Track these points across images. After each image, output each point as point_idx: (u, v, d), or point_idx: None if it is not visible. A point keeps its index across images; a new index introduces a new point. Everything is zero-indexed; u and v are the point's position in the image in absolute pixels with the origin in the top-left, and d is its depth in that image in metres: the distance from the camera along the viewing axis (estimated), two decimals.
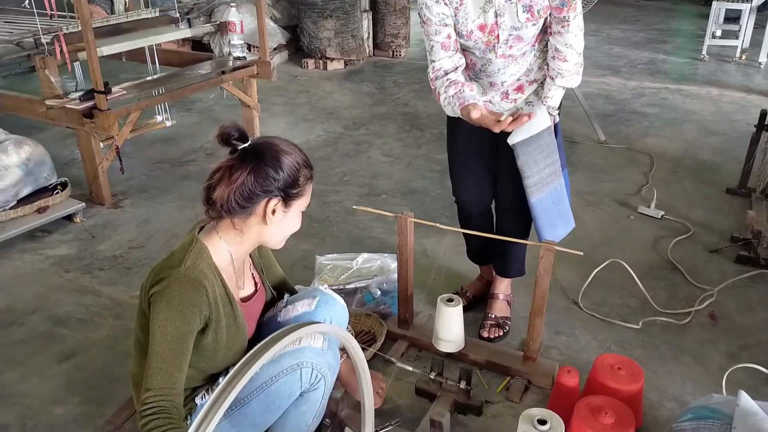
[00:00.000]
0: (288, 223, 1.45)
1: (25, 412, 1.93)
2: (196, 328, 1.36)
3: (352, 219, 3.07)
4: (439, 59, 1.90)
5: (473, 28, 1.85)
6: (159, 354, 1.30)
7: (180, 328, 1.32)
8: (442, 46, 1.88)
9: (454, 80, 1.89)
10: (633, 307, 2.39)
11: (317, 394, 1.47)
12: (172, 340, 1.31)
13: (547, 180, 2.00)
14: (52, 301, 2.47)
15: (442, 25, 1.85)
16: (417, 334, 2.18)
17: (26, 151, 2.88)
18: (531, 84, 2.00)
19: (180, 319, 1.32)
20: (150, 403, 1.28)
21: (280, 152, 1.38)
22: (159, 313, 1.32)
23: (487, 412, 1.90)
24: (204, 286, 1.35)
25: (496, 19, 1.83)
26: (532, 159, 1.95)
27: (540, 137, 1.95)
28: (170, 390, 1.30)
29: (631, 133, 4.17)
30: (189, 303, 1.33)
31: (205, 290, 1.36)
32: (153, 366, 1.30)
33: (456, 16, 1.85)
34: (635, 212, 3.09)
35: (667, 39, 7.04)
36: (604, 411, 1.62)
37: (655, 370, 2.05)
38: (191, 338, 1.35)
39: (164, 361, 1.30)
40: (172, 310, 1.32)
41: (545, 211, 2.01)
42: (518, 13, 1.81)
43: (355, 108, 4.74)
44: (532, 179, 1.96)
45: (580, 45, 1.88)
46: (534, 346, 1.99)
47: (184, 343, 1.33)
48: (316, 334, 1.47)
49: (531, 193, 1.97)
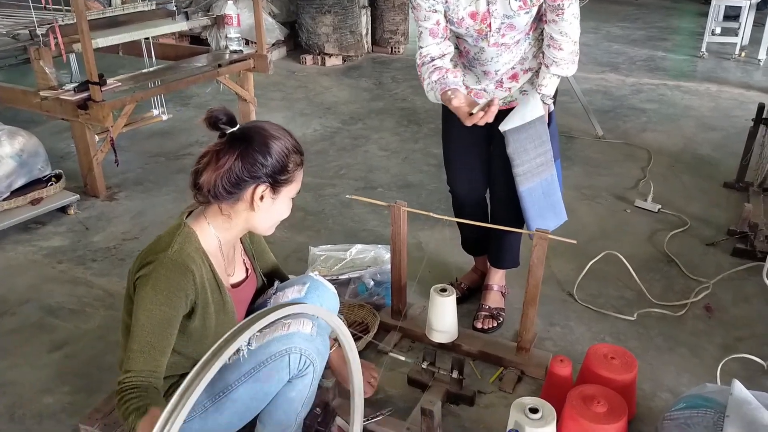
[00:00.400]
0: (277, 210, 1.43)
1: (15, 400, 1.92)
2: (181, 313, 1.34)
3: (347, 212, 3.06)
4: (426, 45, 1.89)
5: (464, 16, 1.84)
6: (142, 337, 1.29)
7: (165, 312, 1.31)
8: (430, 32, 1.87)
9: (439, 66, 1.87)
10: (628, 299, 2.37)
11: (306, 380, 1.45)
12: (156, 324, 1.30)
13: (538, 170, 1.97)
14: (45, 291, 2.46)
15: (431, 11, 1.84)
16: (410, 324, 2.17)
17: (20, 142, 2.86)
18: (526, 72, 1.99)
19: (165, 303, 1.31)
20: (128, 382, 1.27)
21: (269, 137, 1.36)
22: (144, 297, 1.31)
23: (479, 402, 1.88)
24: (191, 270, 1.34)
25: (488, 7, 1.81)
26: (523, 147, 1.93)
27: (532, 126, 1.93)
28: (151, 373, 1.29)
29: (629, 129, 4.15)
30: (175, 287, 1.32)
31: (192, 275, 1.34)
32: (135, 348, 1.29)
33: (447, 3, 1.84)
34: (632, 206, 3.08)
35: (667, 36, 7.02)
36: (597, 400, 1.61)
37: (649, 362, 2.04)
38: (176, 323, 1.34)
39: (147, 344, 1.29)
40: (158, 293, 1.30)
41: (535, 201, 1.99)
42: (510, 1, 1.79)
43: (353, 103, 4.72)
44: (521, 168, 1.94)
45: (575, 33, 1.86)
46: (527, 336, 1.97)
47: (168, 328, 1.32)
48: (305, 320, 1.45)
49: (520, 182, 1.95)
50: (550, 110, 2.02)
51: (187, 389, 0.88)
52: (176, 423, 0.84)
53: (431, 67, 1.88)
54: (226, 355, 0.92)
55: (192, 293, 1.35)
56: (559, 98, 3.05)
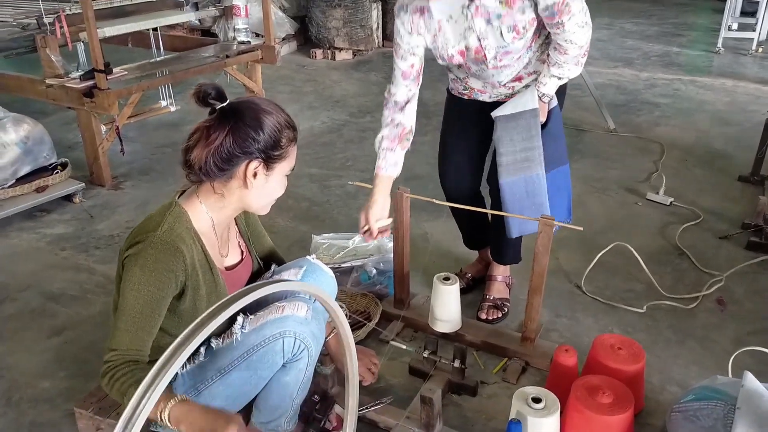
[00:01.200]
0: (271, 188, 1.39)
1: (11, 385, 1.90)
2: (170, 294, 1.31)
3: (353, 202, 3.02)
4: (396, 85, 1.89)
5: (453, 53, 1.84)
6: (129, 316, 1.26)
7: (153, 293, 1.28)
8: (403, 74, 1.88)
9: (393, 135, 1.89)
10: (637, 291, 2.31)
11: (300, 364, 1.42)
12: (144, 304, 1.27)
13: (522, 165, 1.89)
14: (46, 278, 2.45)
15: (409, 54, 1.85)
16: (413, 314, 2.13)
17: (25, 129, 2.86)
18: (530, 75, 1.93)
19: (154, 284, 1.28)
20: (115, 360, 1.24)
21: (261, 112, 1.33)
22: (132, 276, 1.28)
23: (482, 393, 1.84)
24: (181, 251, 1.31)
25: (480, 42, 1.80)
26: (509, 137, 1.88)
27: (522, 116, 1.87)
28: (137, 352, 1.26)
29: (641, 123, 4.08)
30: (164, 268, 1.29)
31: (182, 255, 1.31)
32: (121, 327, 1.26)
33: (435, 42, 1.83)
34: (643, 199, 3.01)
35: (682, 32, 6.91)
36: (602, 390, 1.56)
37: (658, 354, 1.98)
38: (164, 304, 1.31)
39: (134, 324, 1.26)
40: (147, 273, 1.27)
41: (515, 197, 1.91)
42: (503, 33, 1.77)
43: (362, 96, 4.69)
44: (505, 158, 1.89)
45: (582, 39, 1.77)
46: (532, 326, 1.92)
47: (156, 308, 1.29)
48: (299, 303, 1.41)
49: (501, 173, 1.90)
50: (550, 107, 1.96)
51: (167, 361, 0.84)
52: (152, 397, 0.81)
53: (390, 122, 1.89)
54: (209, 330, 0.89)
55: (182, 274, 1.32)
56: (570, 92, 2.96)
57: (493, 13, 1.74)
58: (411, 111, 1.92)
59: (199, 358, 1.43)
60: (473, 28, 1.77)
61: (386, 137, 1.91)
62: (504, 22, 1.74)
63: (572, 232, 1.78)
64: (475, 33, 1.78)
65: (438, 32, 1.82)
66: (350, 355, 1.23)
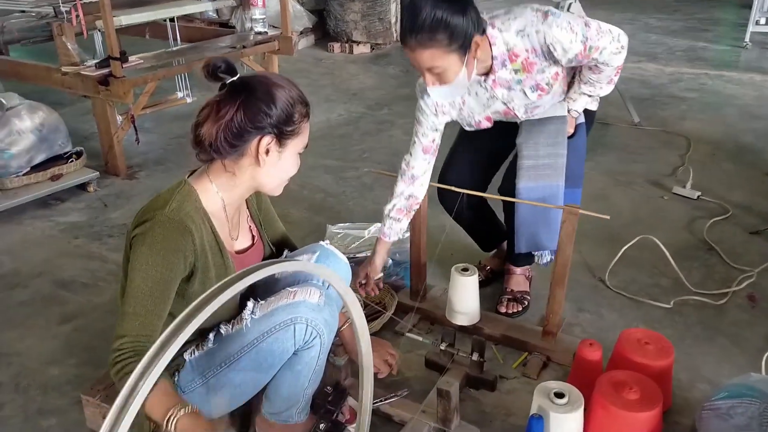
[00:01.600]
0: (284, 165, 1.34)
1: (20, 371, 1.87)
2: (179, 275, 1.26)
3: (369, 194, 2.96)
4: (415, 158, 1.88)
5: (480, 119, 1.84)
6: (137, 299, 1.21)
7: (162, 274, 1.22)
8: (423, 149, 1.87)
9: (403, 207, 1.90)
10: (664, 286, 2.22)
11: (312, 352, 1.36)
12: (152, 286, 1.22)
13: (543, 172, 1.80)
14: (58, 265, 2.42)
15: (432, 130, 1.85)
16: (430, 306, 2.06)
17: (40, 117, 2.84)
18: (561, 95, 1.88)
19: (162, 264, 1.22)
20: (125, 348, 1.19)
21: (273, 86, 1.27)
22: (140, 257, 1.23)
23: (501, 388, 1.77)
24: (190, 230, 1.26)
25: (507, 105, 1.79)
26: (533, 140, 1.82)
27: (549, 122, 1.83)
28: (147, 338, 1.20)
29: (667, 117, 3.97)
30: (173, 247, 1.23)
31: (191, 235, 1.26)
32: (130, 312, 1.21)
33: (461, 115, 1.83)
34: (669, 192, 2.91)
35: (708, 28, 6.75)
36: (629, 386, 1.48)
37: (686, 351, 1.89)
38: (173, 286, 1.25)
39: (143, 307, 1.21)
40: (154, 254, 1.22)
41: (530, 208, 1.81)
42: (527, 94, 1.75)
43: (380, 89, 4.62)
44: (526, 161, 1.81)
45: (618, 61, 1.72)
46: (554, 319, 1.84)
47: (166, 291, 1.23)
48: (312, 289, 1.36)
49: (521, 176, 1.81)
50: (578, 122, 1.90)
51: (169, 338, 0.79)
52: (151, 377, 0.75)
53: (402, 196, 1.89)
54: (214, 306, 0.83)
55: (191, 255, 1.27)
56: None
57: (512, 80, 1.73)
58: (425, 183, 1.92)
59: (208, 345, 1.38)
60: (496, 96, 1.77)
61: (396, 208, 1.91)
62: (526, 84, 1.73)
63: (595, 225, 1.70)
64: (499, 99, 1.78)
65: (462, 106, 1.82)
66: (363, 342, 1.17)
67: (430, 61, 1.58)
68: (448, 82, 1.63)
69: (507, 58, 1.68)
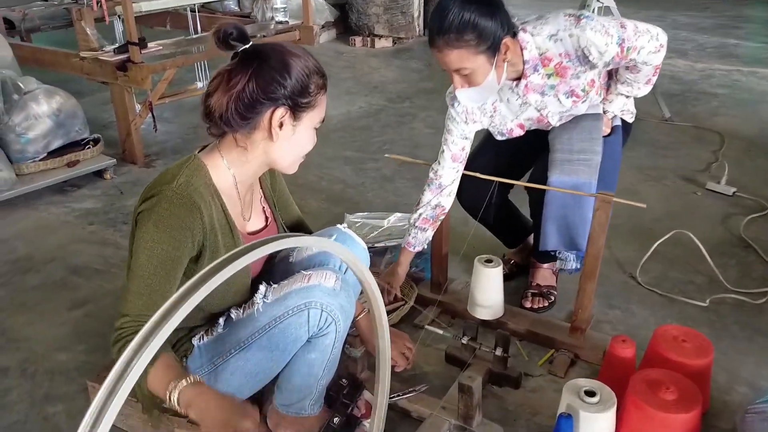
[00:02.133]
0: (299, 140, 1.26)
1: (28, 356, 1.82)
2: (187, 255, 1.19)
3: (388, 185, 2.88)
4: (443, 167, 1.82)
5: (513, 127, 1.78)
6: (142, 278, 1.14)
7: (168, 252, 1.15)
8: (453, 156, 1.80)
9: (430, 217, 1.84)
10: (698, 283, 2.11)
11: (327, 340, 1.28)
12: (158, 264, 1.15)
13: (576, 167, 1.68)
14: (72, 251, 2.38)
15: (461, 138, 1.78)
16: (451, 299, 1.97)
17: (57, 102, 2.80)
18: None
19: (168, 242, 1.15)
20: (128, 328, 1.12)
21: (288, 54, 1.20)
22: (145, 234, 1.16)
23: (526, 385, 1.67)
24: (198, 206, 1.19)
25: (540, 112, 1.72)
26: (567, 135, 1.73)
27: (584, 118, 1.75)
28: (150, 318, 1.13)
29: (698, 112, 3.83)
30: (180, 224, 1.16)
31: (199, 212, 1.19)
32: (134, 290, 1.14)
33: (493, 122, 1.78)
34: (702, 188, 2.79)
35: (739, 25, 6.57)
36: (665, 386, 1.38)
37: (724, 351, 1.78)
38: (180, 265, 1.18)
39: (148, 286, 1.14)
40: (161, 231, 1.15)
41: (561, 201, 1.70)
42: (561, 101, 1.69)
43: (401, 83, 4.54)
44: (559, 155, 1.71)
45: (657, 60, 1.66)
46: (584, 315, 1.74)
47: (172, 270, 1.16)
48: (327, 272, 1.28)
49: (553, 169, 1.69)
50: (614, 123, 1.83)
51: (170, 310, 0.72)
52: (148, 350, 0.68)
53: (429, 204, 1.83)
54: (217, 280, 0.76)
55: (199, 233, 1.20)
56: None
57: (545, 85, 1.67)
58: (453, 192, 1.86)
59: (218, 330, 1.31)
60: (529, 102, 1.71)
61: (423, 218, 1.85)
62: (560, 90, 1.67)
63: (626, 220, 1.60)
64: (532, 106, 1.71)
65: (494, 113, 1.77)
66: (381, 328, 1.09)
67: (458, 62, 1.55)
68: (477, 84, 1.60)
69: (539, 62, 1.63)
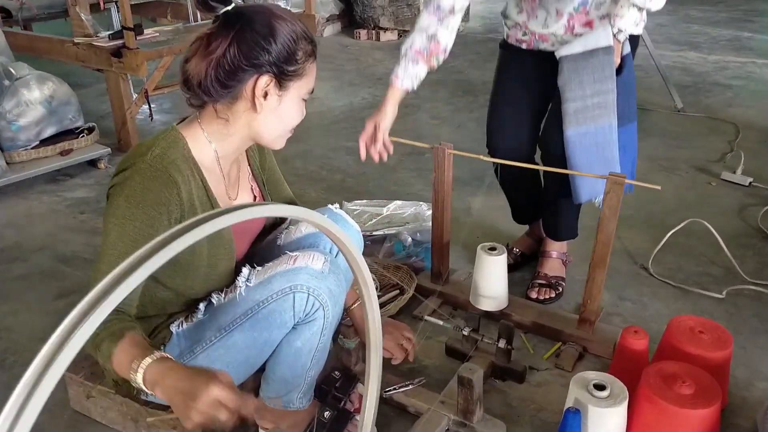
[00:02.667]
0: (285, 112, 1.16)
1: (8, 346, 1.74)
2: (162, 232, 1.09)
3: (390, 175, 2.79)
4: None
5: None
6: (111, 257, 1.05)
7: (140, 229, 1.06)
8: None
9: (423, 48, 1.64)
10: (714, 275, 2.00)
11: (314, 327, 1.19)
12: (129, 243, 1.06)
13: (592, 113, 1.61)
14: (61, 240, 2.30)
15: None
16: (452, 290, 1.87)
17: (49, 88, 2.72)
18: (602, 19, 1.66)
19: (141, 219, 1.06)
20: None
21: (274, 17, 1.10)
22: (116, 210, 1.07)
23: (530, 380, 1.57)
24: (174, 180, 1.09)
25: None
26: (578, 78, 1.60)
27: (594, 55, 1.60)
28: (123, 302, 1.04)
29: (712, 103, 3.71)
30: (154, 200, 1.07)
31: (176, 186, 1.10)
32: (103, 270, 1.05)
33: None
34: (717, 179, 2.68)
35: (753, 19, 6.43)
36: (681, 379, 1.28)
37: (743, 345, 1.67)
38: None
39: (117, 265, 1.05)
40: (133, 206, 1.06)
41: (584, 150, 1.62)
42: None
43: None
44: (572, 104, 1.60)
45: None
46: (593, 306, 1.64)
47: None
48: (315, 254, 1.18)
49: (568, 123, 1.61)
50: (623, 52, 1.68)
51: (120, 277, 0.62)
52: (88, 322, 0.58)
53: (425, 31, 1.62)
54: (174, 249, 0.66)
55: (176, 209, 1.11)
56: None
57: None
58: (453, 26, 1.65)
59: (198, 316, 1.21)
60: None
61: (415, 47, 1.65)
62: None
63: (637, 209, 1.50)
64: None
65: None
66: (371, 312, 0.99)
67: None
68: None
69: None
